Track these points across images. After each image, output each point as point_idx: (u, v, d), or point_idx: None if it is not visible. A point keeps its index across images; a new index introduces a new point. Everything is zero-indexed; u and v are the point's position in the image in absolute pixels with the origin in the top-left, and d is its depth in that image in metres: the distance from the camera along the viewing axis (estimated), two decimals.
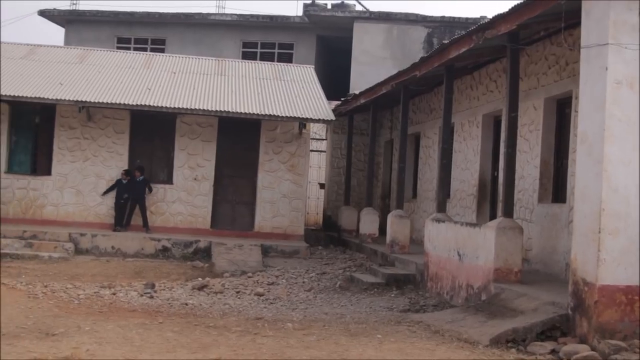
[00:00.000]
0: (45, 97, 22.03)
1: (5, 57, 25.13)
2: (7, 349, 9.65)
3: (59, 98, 22.04)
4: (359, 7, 34.36)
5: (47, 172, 23.02)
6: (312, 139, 27.19)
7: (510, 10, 12.33)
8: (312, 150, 27.98)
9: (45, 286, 15.71)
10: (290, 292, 16.24)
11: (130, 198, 22.76)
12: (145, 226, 22.65)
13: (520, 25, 12.44)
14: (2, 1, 71.74)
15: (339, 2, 34.59)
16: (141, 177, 22.78)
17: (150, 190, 22.91)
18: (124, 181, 22.72)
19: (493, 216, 16.99)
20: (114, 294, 15.26)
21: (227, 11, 36.70)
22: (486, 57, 17.17)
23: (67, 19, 36.45)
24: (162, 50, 34.26)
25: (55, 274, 17.71)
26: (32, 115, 23.75)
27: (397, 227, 19.11)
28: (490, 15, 13.99)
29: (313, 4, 34.36)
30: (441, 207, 16.40)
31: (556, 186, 15.00)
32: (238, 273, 18.62)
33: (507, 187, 13.36)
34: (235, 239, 22.35)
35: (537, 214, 15.05)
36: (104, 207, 22.98)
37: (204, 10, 35.93)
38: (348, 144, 26.72)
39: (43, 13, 36.34)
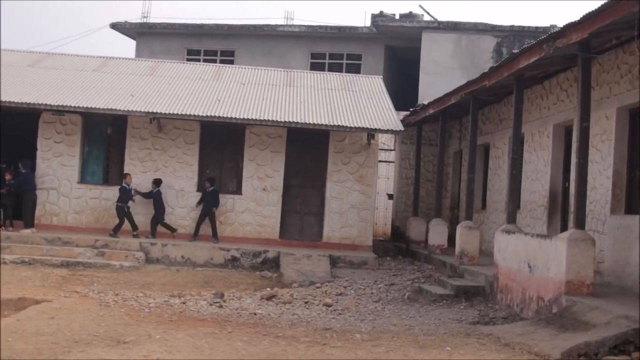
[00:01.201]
0: (117, 108, 22.39)
1: (77, 70, 25.70)
2: (80, 356, 9.81)
3: (130, 109, 22.36)
4: (427, 17, 34.26)
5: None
6: (380, 149, 27.14)
7: (581, 18, 12.15)
8: (380, 161, 27.93)
9: (117, 294, 15.92)
10: (359, 302, 16.19)
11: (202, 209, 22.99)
12: (215, 236, 22.83)
13: (592, 33, 12.24)
14: (70, 14, 73.10)
15: (407, 12, 34.54)
16: (211, 188, 22.96)
17: (215, 204, 23.09)
18: (208, 190, 22.94)
19: (564, 228, 16.75)
20: (184, 303, 15.38)
21: (295, 22, 36.81)
22: (557, 67, 16.95)
23: (138, 32, 37.02)
24: (231, 62, 34.60)
25: (126, 283, 17.94)
26: (104, 127, 24.16)
27: (466, 238, 18.94)
28: (560, 24, 13.82)
29: (381, 14, 34.34)
30: (511, 218, 16.22)
31: (629, 197, 14.72)
32: (306, 283, 18.64)
33: (579, 198, 13.14)
34: (303, 249, 22.40)
35: (609, 226, 14.78)
36: (174, 217, 23.21)
37: (273, 22, 36.22)
38: (417, 155, 26.59)
39: (115, 26, 36.96)
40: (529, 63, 14.63)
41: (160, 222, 23.00)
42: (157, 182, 23.11)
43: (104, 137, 24.25)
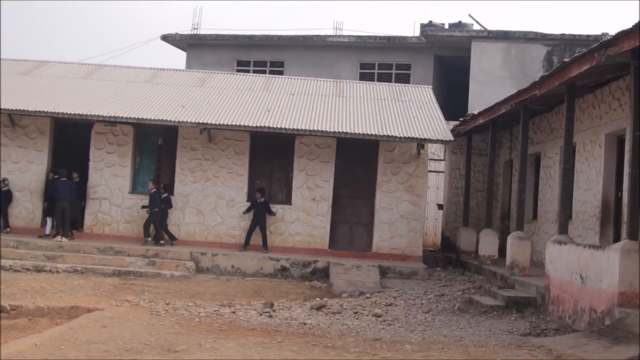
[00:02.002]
0: (168, 119, 22.58)
1: (129, 81, 26.02)
2: None
3: (181, 120, 22.55)
4: (476, 27, 34.11)
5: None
6: (430, 159, 27.06)
7: (633, 26, 12.01)
8: (430, 171, 27.83)
9: (167, 304, 16.04)
10: (409, 313, 16.12)
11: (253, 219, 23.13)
12: (265, 246, 22.91)
13: None
14: (122, 26, 73.95)
15: (457, 21, 34.43)
16: (262, 199, 23.05)
17: (270, 213, 23.17)
18: (259, 201, 23.07)
19: (617, 238, 16.52)
20: (234, 312, 15.44)
21: (344, 33, 36.84)
22: (609, 75, 16.75)
23: (189, 43, 37.34)
24: (280, 73, 34.74)
25: (176, 292, 18.06)
26: (156, 137, 24.39)
27: (517, 248, 18.77)
28: (612, 32, 13.66)
29: (430, 24, 34.26)
30: (563, 228, 16.05)
31: None
32: (356, 294, 18.60)
33: (632, 208, 12.97)
34: (353, 259, 22.38)
35: None
36: (224, 227, 23.35)
37: (322, 33, 36.38)
38: (467, 165, 26.44)
39: (166, 38, 37.32)
40: (581, 72, 14.48)
41: (164, 229, 23.18)
42: (167, 188, 23.39)
43: (155, 148, 24.48)
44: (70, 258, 21.15)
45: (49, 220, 23.20)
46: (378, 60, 35.54)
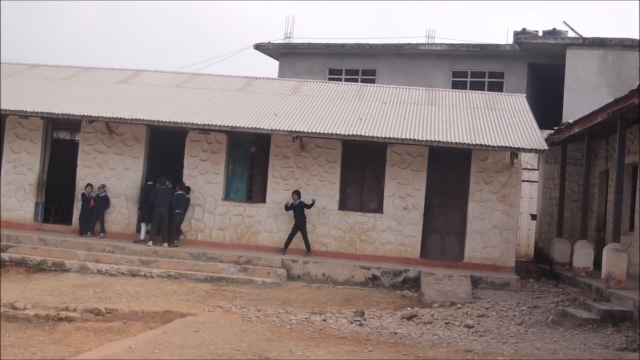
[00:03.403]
0: (261, 127, 22.78)
1: (223, 89, 26.39)
2: None
3: (274, 128, 22.72)
4: (571, 34, 33.55)
5: (262, 199, 23.74)
6: (523, 169, 26.67)
7: None
8: (523, 181, 27.46)
9: (259, 310, 16.18)
10: (501, 325, 15.91)
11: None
12: (308, 250, 22.96)
13: None
14: (215, 36, 74.93)
15: (551, 28, 33.91)
16: (297, 201, 23.12)
17: (310, 206, 23.21)
18: (295, 203, 23.14)
19: None
20: (325, 320, 15.48)
21: (437, 41, 36.67)
22: None
23: (281, 52, 37.66)
24: (372, 81, 34.77)
25: (268, 299, 18.20)
26: (248, 145, 24.64)
27: (613, 261, 18.35)
28: None
29: (524, 31, 33.83)
30: None
31: None
32: (447, 304, 18.46)
33: None
34: (444, 269, 22.21)
35: None
36: (315, 235, 23.39)
37: (414, 41, 36.16)
38: (561, 174, 26.00)
39: (258, 47, 37.72)
40: None
41: (177, 228, 23.51)
42: (188, 190, 23.77)
43: (248, 156, 24.73)
44: (164, 263, 21.51)
45: (143, 226, 23.66)
46: (471, 68, 35.27)
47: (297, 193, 23.21)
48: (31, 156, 24.91)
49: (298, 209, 23.07)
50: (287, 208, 23.26)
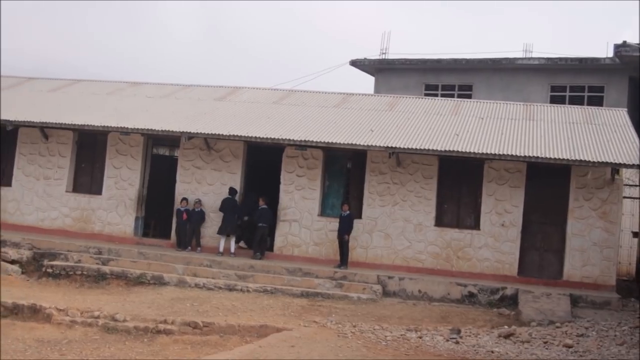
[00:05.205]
0: (357, 143, 22.82)
1: (319, 106, 26.58)
2: None
3: (370, 144, 22.74)
4: None
5: (358, 215, 23.72)
6: (625, 185, 26.04)
7: None
8: (624, 197, 26.81)
9: (354, 326, 16.18)
10: (601, 345, 15.56)
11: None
12: (343, 263, 22.88)
13: None
14: (311, 52, 75.53)
15: None
16: (347, 212, 23.07)
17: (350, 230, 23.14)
18: (344, 214, 23.14)
19: None
20: (420, 337, 15.39)
21: (534, 55, 36.17)
22: None
23: (377, 68, 37.69)
24: (468, 96, 34.50)
25: (363, 315, 18.19)
26: (344, 161, 24.71)
27: None
28: None
29: (624, 44, 33.10)
30: None
31: None
32: (545, 322, 18.15)
33: None
34: (542, 287, 21.82)
35: None
36: (411, 251, 23.29)
37: (511, 55, 35.71)
38: None
39: (354, 63, 37.84)
40: None
41: (262, 241, 23.97)
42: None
43: (344, 171, 24.79)
44: (260, 278, 21.69)
45: (222, 239, 23.97)
46: (569, 82, 34.67)
47: (348, 204, 23.27)
48: (132, 172, 25.48)
49: (347, 220, 23.05)
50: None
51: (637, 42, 32.48)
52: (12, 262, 22.73)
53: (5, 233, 24.63)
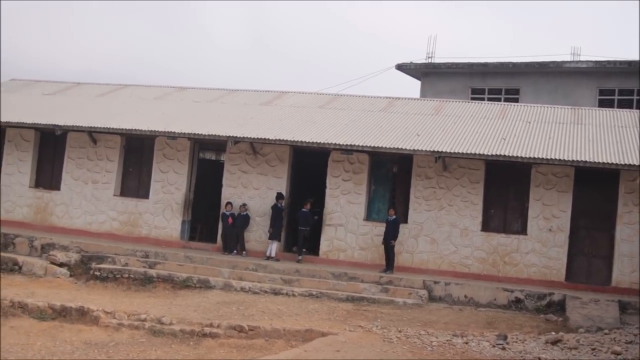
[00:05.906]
0: (403, 147, 22.78)
1: (365, 110, 26.61)
2: None
3: (416, 148, 22.68)
4: None
5: (404, 220, 23.64)
6: None
7: None
8: None
9: (400, 331, 16.13)
10: None
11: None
12: (387, 267, 22.85)
13: None
14: (358, 56, 75.51)
15: None
16: (392, 217, 23.02)
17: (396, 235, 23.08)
18: (390, 219, 23.04)
19: None
20: (466, 343, 15.31)
21: (582, 58, 35.77)
22: None
23: (423, 72, 37.52)
24: (515, 100, 34.20)
25: (408, 320, 18.13)
26: (390, 165, 24.65)
27: None
28: None
29: None
30: None
31: None
32: (593, 329, 17.95)
33: None
34: (590, 293, 21.58)
35: None
36: (457, 256, 23.18)
37: (559, 59, 35.36)
38: None
39: (400, 67, 37.72)
40: None
41: (302, 244, 24.20)
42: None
43: (390, 176, 24.73)
44: (305, 282, 21.73)
45: (271, 244, 24.05)
46: (618, 86, 34.23)
47: (394, 209, 23.24)
48: (178, 176, 25.67)
49: (393, 225, 22.98)
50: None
51: None
52: (61, 265, 23.10)
53: (54, 236, 25.04)
